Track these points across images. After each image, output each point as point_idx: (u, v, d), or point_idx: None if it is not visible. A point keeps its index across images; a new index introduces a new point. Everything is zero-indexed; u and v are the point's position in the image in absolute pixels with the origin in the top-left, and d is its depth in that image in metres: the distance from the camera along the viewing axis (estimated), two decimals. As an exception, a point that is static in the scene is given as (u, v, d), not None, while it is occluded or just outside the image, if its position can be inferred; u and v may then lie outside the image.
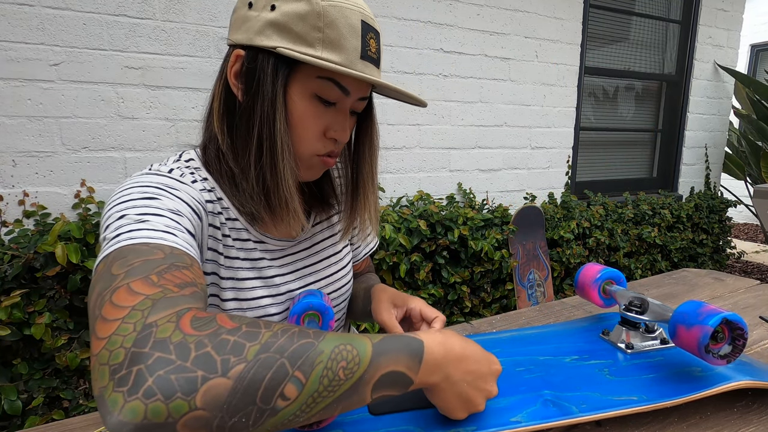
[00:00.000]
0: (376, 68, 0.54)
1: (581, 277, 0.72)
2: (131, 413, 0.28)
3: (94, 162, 1.42)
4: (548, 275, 2.20)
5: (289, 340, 0.34)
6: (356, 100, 0.55)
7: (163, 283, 0.36)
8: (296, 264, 0.64)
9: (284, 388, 0.32)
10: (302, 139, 0.53)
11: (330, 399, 0.35)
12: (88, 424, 0.52)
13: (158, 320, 0.33)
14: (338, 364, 0.35)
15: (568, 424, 0.47)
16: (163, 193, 0.47)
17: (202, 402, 0.30)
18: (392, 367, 0.38)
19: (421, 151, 2.01)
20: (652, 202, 2.60)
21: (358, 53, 0.50)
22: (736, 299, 0.89)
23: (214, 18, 1.52)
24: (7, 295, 1.15)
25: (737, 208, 4.60)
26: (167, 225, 0.43)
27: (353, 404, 0.37)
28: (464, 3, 2.00)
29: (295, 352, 0.34)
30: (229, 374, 0.31)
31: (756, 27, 5.10)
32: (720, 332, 0.48)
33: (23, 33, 1.29)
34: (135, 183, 0.47)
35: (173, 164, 0.54)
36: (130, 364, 0.30)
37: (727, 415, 0.50)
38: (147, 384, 0.29)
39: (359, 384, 0.36)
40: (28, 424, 1.18)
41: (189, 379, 0.30)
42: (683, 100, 2.84)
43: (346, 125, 0.55)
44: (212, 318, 0.34)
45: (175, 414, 0.29)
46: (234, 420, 0.31)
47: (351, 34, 0.49)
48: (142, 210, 0.43)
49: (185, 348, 0.31)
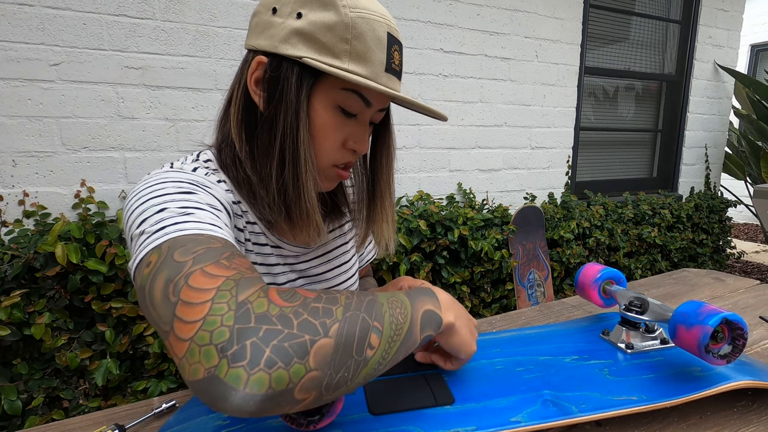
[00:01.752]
0: (398, 80, 0.54)
1: (581, 277, 0.72)
2: (258, 384, 0.30)
3: (94, 162, 1.42)
4: (548, 275, 2.20)
5: (360, 300, 0.39)
6: (376, 111, 0.55)
7: (234, 266, 0.37)
8: (309, 271, 0.64)
9: (370, 338, 0.37)
10: (323, 149, 0.52)
11: (398, 342, 0.40)
12: (88, 424, 0.52)
13: (249, 297, 0.34)
14: (396, 310, 0.41)
15: (568, 424, 0.47)
16: (198, 189, 0.47)
17: (315, 362, 0.33)
18: (426, 307, 0.46)
19: (421, 151, 2.01)
20: (652, 202, 2.60)
21: (383, 66, 0.49)
22: (736, 299, 0.89)
23: (214, 18, 1.52)
24: (7, 295, 1.15)
25: (737, 208, 4.60)
26: (211, 218, 0.43)
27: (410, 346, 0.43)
28: (464, 3, 2.00)
29: (368, 308, 0.39)
30: (330, 334, 0.34)
31: (756, 27, 5.10)
32: (720, 332, 0.48)
33: (23, 33, 1.29)
34: (165, 178, 0.46)
35: (194, 164, 0.53)
36: (240, 339, 0.31)
37: (727, 415, 0.50)
38: (266, 354, 0.31)
39: (413, 324, 0.43)
40: (28, 424, 1.18)
41: (300, 344, 0.32)
42: (683, 100, 2.84)
43: (365, 137, 0.55)
44: (293, 291, 0.37)
45: (295, 378, 0.31)
46: (338, 376, 0.34)
47: (377, 46, 0.49)
48: (182, 204, 0.43)
49: (286, 318, 0.34)
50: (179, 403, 0.55)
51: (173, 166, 0.51)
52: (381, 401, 0.49)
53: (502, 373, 0.56)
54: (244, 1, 1.56)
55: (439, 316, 0.48)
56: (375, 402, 0.49)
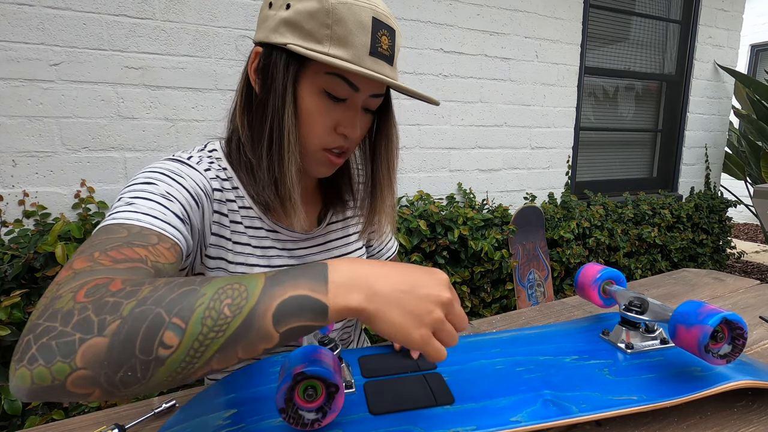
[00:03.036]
0: (389, 65, 0.53)
1: (581, 277, 0.72)
2: (20, 379, 0.31)
3: (94, 162, 1.42)
4: (548, 275, 2.20)
5: (170, 290, 0.34)
6: (368, 96, 0.55)
7: (100, 258, 0.39)
8: (306, 258, 0.66)
9: (162, 336, 0.32)
10: (311, 133, 0.55)
11: (222, 339, 0.33)
12: (88, 424, 0.52)
13: (63, 292, 0.34)
14: (222, 302, 0.34)
15: (568, 423, 0.47)
16: (163, 178, 0.50)
17: (82, 362, 0.31)
18: (290, 293, 0.35)
19: (421, 151, 2.01)
20: (652, 202, 2.60)
21: (366, 49, 0.50)
22: (736, 299, 0.89)
23: (214, 18, 1.52)
24: (7, 295, 1.15)
25: (737, 208, 4.60)
26: (151, 208, 0.46)
27: (256, 342, 0.34)
28: (464, 3, 2.00)
29: (172, 301, 0.33)
30: (105, 332, 0.32)
31: (756, 27, 5.10)
32: (720, 332, 0.48)
33: (23, 33, 1.29)
34: (147, 168, 0.52)
35: (195, 152, 0.59)
36: (26, 333, 0.33)
37: (727, 415, 0.50)
38: (31, 352, 0.32)
39: (253, 318, 0.34)
40: (28, 424, 1.18)
41: (67, 343, 0.32)
42: (683, 100, 2.84)
43: (355, 122, 0.55)
44: (107, 284, 0.35)
45: (59, 376, 0.31)
46: (120, 374, 0.32)
47: (360, 30, 0.50)
48: (134, 194, 0.47)
49: (70, 315, 0.33)
50: (179, 403, 0.55)
51: (175, 154, 0.57)
52: (381, 401, 0.49)
53: (502, 373, 0.56)
54: (244, 1, 1.56)
55: (318, 301, 0.36)
56: (375, 402, 0.49)
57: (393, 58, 0.54)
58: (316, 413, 0.42)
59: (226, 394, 0.52)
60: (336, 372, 0.42)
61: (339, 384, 0.41)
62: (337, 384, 0.41)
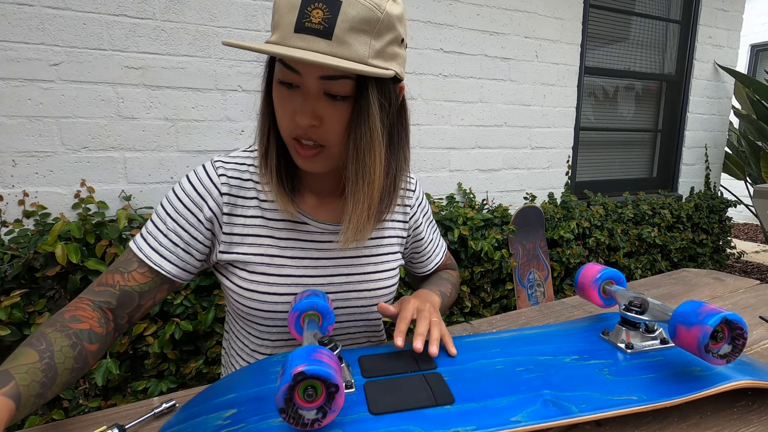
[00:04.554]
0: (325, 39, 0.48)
1: (581, 277, 0.72)
2: None
3: (94, 162, 1.42)
4: (548, 275, 2.20)
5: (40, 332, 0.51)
6: (319, 79, 0.51)
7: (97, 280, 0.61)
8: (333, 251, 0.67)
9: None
10: (280, 124, 0.57)
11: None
12: (88, 424, 0.52)
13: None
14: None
15: (568, 423, 0.47)
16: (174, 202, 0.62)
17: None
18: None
19: (421, 151, 2.01)
20: (652, 202, 2.60)
21: (291, 27, 0.48)
22: (736, 299, 0.89)
23: (214, 18, 1.52)
24: (7, 295, 1.15)
25: (737, 208, 4.60)
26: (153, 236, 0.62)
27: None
28: (464, 3, 2.00)
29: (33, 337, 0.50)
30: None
31: (756, 27, 5.10)
32: (720, 332, 0.48)
33: (23, 33, 1.29)
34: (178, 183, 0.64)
35: (237, 152, 0.67)
36: None
37: (727, 415, 0.50)
38: None
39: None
40: (28, 424, 1.18)
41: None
42: (683, 100, 2.84)
43: (304, 108, 0.52)
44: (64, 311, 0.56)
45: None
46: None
47: (288, 10, 0.49)
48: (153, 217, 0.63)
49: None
50: (179, 403, 0.55)
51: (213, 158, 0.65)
52: (381, 401, 0.49)
53: (502, 373, 0.56)
54: (244, 1, 1.56)
55: None
56: (375, 402, 0.49)
57: (331, 31, 0.48)
58: (316, 413, 0.42)
59: (226, 394, 0.52)
60: (336, 372, 0.42)
61: (339, 384, 0.41)
62: (337, 384, 0.41)
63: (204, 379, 1.39)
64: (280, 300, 0.63)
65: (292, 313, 0.55)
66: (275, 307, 0.63)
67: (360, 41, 0.49)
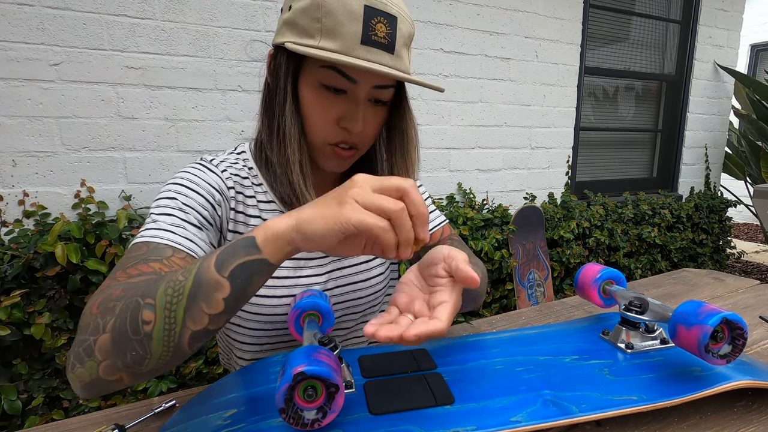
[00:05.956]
0: (389, 53, 0.51)
1: (581, 277, 0.72)
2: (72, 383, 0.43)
3: (94, 162, 1.42)
4: (548, 275, 2.20)
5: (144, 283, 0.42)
6: (371, 88, 0.54)
7: (119, 276, 0.46)
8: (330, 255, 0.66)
9: (141, 315, 0.39)
10: (313, 127, 0.56)
11: (183, 301, 0.39)
12: (88, 424, 0.52)
13: (86, 309, 0.43)
14: (177, 274, 0.41)
15: (568, 423, 0.47)
16: (181, 190, 0.55)
17: (100, 355, 0.40)
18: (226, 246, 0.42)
19: (422, 151, 2.00)
20: (652, 202, 2.60)
21: (358, 39, 0.49)
22: (736, 299, 0.89)
23: (214, 18, 1.52)
24: (7, 295, 1.15)
25: (737, 208, 4.60)
26: (170, 224, 0.52)
27: (210, 293, 0.39)
28: (464, 3, 2.00)
29: (146, 289, 0.41)
30: (107, 329, 0.40)
31: (756, 27, 5.10)
32: (720, 332, 0.48)
33: (23, 33, 1.29)
34: (172, 179, 0.57)
35: (225, 155, 0.64)
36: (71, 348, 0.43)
37: (727, 415, 0.50)
38: (71, 361, 0.42)
39: (200, 274, 0.40)
40: (28, 424, 1.18)
41: (87, 346, 0.41)
42: (683, 100, 2.84)
43: (357, 115, 0.55)
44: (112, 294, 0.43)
45: (92, 371, 0.40)
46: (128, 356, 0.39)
47: (350, 20, 0.49)
48: (159, 210, 0.54)
49: (88, 325, 0.42)
50: (179, 403, 0.55)
51: (201, 158, 0.62)
52: (381, 401, 0.49)
53: (502, 373, 0.56)
54: (244, 1, 1.56)
55: (247, 238, 0.40)
56: (375, 402, 0.49)
57: (393, 45, 0.51)
58: (316, 413, 0.42)
59: (226, 394, 0.52)
60: (336, 372, 0.42)
61: (339, 384, 0.41)
62: (337, 384, 0.41)
63: (204, 379, 1.39)
64: (279, 303, 0.63)
65: (293, 312, 0.55)
66: (274, 310, 0.63)
67: (406, 54, 0.55)
